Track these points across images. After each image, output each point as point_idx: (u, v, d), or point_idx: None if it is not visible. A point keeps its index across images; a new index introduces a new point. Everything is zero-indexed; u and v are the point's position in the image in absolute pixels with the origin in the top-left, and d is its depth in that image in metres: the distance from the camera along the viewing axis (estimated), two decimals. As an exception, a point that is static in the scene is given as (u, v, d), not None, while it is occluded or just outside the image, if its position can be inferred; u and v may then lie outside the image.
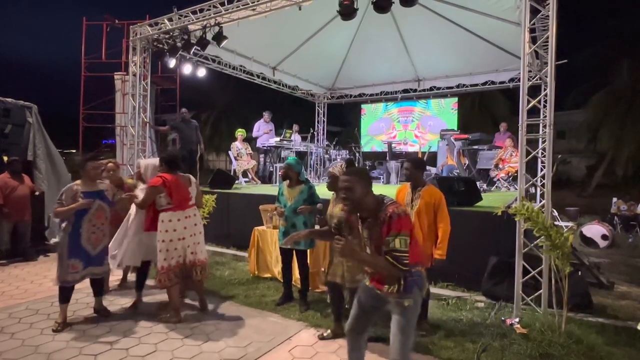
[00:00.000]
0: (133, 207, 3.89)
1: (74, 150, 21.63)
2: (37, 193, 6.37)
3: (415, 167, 3.54)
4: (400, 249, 2.00)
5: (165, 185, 3.53)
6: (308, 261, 4.22)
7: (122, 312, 3.92)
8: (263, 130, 9.75)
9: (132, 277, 4.46)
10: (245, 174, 9.03)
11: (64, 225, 3.55)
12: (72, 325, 3.57)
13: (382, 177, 10.39)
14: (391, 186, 9.16)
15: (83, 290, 4.49)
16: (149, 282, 4.49)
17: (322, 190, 4.12)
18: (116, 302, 4.14)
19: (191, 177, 3.88)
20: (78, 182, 3.65)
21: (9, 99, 6.61)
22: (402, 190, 3.65)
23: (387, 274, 2.09)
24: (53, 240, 6.71)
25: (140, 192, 3.82)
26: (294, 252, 4.12)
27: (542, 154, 4.14)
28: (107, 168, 4.42)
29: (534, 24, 4.19)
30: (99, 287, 3.87)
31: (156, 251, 3.60)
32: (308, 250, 4.19)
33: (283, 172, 4.19)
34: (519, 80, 4.12)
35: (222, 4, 6.01)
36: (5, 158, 6.09)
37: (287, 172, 4.12)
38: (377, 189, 2.25)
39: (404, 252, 2.02)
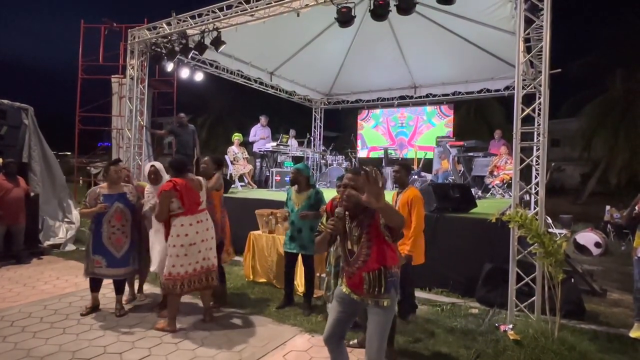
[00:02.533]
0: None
1: (69, 153, 21.56)
2: (32, 194, 6.34)
3: (406, 170, 3.93)
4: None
5: (176, 189, 3.48)
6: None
7: (116, 315, 3.88)
8: (260, 135, 9.77)
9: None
10: (241, 178, 9.03)
11: (90, 224, 3.92)
12: (70, 325, 3.56)
13: (378, 183, 10.40)
14: (387, 192, 9.19)
15: (76, 293, 4.49)
16: (147, 287, 4.48)
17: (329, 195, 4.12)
18: (110, 306, 4.11)
19: (202, 180, 3.78)
20: (103, 185, 3.93)
21: (5, 101, 6.59)
22: (395, 193, 4.00)
23: (397, 227, 2.14)
24: (47, 243, 6.67)
25: (148, 196, 3.86)
26: (300, 256, 4.15)
27: (536, 162, 4.19)
28: (149, 172, 4.31)
29: (528, 33, 4.26)
30: (121, 286, 3.99)
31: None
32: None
33: (292, 177, 4.17)
34: (514, 88, 4.17)
35: (221, 10, 6.05)
36: (0, 160, 6.05)
37: (297, 177, 4.12)
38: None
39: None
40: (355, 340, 3.31)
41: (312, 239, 3.99)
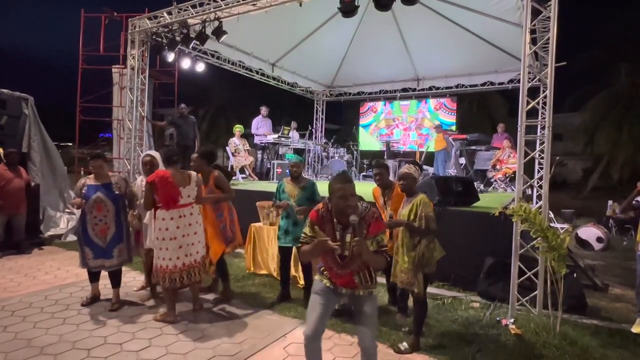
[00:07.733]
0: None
1: (70, 144, 21.51)
2: (33, 184, 6.32)
3: (387, 170, 3.92)
4: (386, 244, 2.34)
5: (154, 182, 3.46)
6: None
7: (108, 310, 3.86)
8: (263, 130, 9.70)
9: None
10: (242, 170, 9.01)
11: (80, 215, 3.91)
12: (71, 315, 3.57)
13: (379, 176, 10.39)
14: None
15: (77, 284, 4.49)
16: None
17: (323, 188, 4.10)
18: (107, 297, 4.11)
19: (193, 174, 3.69)
20: (90, 176, 3.90)
21: (5, 90, 6.54)
22: (376, 191, 3.95)
23: (376, 267, 2.32)
24: (47, 233, 6.67)
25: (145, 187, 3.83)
26: (296, 249, 4.11)
27: (539, 155, 4.14)
28: (144, 162, 4.26)
29: (534, 25, 4.19)
30: (115, 278, 3.95)
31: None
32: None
33: (297, 170, 4.12)
34: (518, 81, 4.13)
35: (222, -1, 5.97)
36: (1, 150, 6.02)
37: (300, 170, 4.14)
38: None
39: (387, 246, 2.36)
40: (405, 344, 3.18)
41: None
